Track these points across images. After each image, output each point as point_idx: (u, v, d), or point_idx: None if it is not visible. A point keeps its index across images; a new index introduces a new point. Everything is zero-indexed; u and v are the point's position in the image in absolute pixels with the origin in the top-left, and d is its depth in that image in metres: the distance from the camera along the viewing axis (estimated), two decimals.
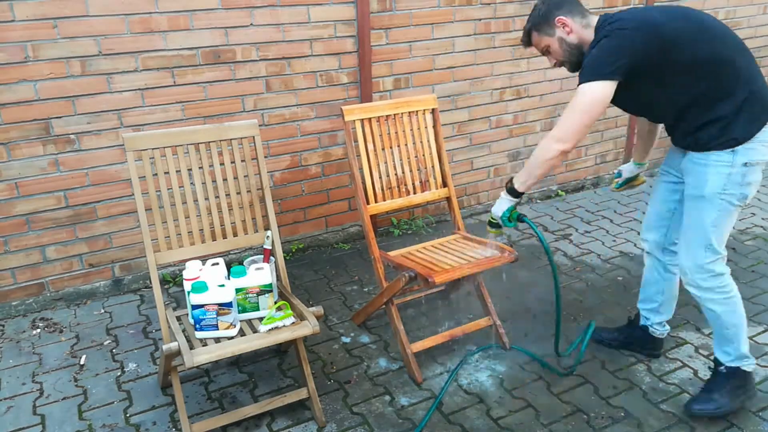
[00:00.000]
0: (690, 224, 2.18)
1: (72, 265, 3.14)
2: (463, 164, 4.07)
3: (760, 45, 5.06)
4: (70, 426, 2.34)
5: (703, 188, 2.10)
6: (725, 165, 2.06)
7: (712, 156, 2.07)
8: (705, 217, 2.12)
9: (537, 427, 2.30)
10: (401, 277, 2.46)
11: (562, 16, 2.11)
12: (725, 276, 2.19)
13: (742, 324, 2.26)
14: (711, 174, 2.08)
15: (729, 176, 2.06)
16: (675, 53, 1.98)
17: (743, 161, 2.05)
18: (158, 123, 3.08)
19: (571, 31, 2.12)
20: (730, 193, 2.08)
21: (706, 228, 2.13)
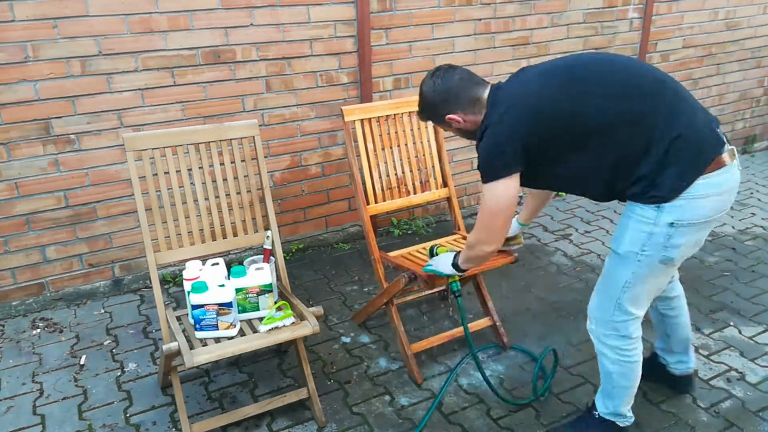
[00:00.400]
0: (603, 276, 1.97)
1: (72, 265, 3.14)
2: (464, 164, 4.07)
3: (760, 45, 5.07)
4: (70, 426, 2.34)
5: (620, 244, 1.86)
6: (647, 222, 1.78)
7: (636, 208, 1.81)
8: (618, 275, 1.90)
9: (537, 427, 2.30)
10: (401, 277, 2.46)
11: (450, 114, 1.97)
12: (633, 340, 1.96)
13: (630, 388, 2.05)
14: (631, 230, 1.83)
15: (650, 236, 1.79)
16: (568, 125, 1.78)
17: (669, 221, 1.75)
18: (158, 123, 3.08)
19: (462, 120, 1.97)
20: (648, 254, 1.81)
21: (617, 286, 1.90)
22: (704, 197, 1.75)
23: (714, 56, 4.85)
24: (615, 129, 1.75)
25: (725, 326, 2.89)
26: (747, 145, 5.45)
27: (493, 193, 1.86)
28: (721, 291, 3.19)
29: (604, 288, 1.96)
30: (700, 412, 2.35)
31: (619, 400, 2.07)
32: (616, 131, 1.75)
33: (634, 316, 1.94)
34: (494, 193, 1.86)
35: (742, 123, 5.34)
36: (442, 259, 2.29)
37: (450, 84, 1.96)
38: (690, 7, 4.56)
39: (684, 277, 3.31)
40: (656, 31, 4.46)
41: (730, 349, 2.72)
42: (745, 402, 2.39)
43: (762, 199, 4.39)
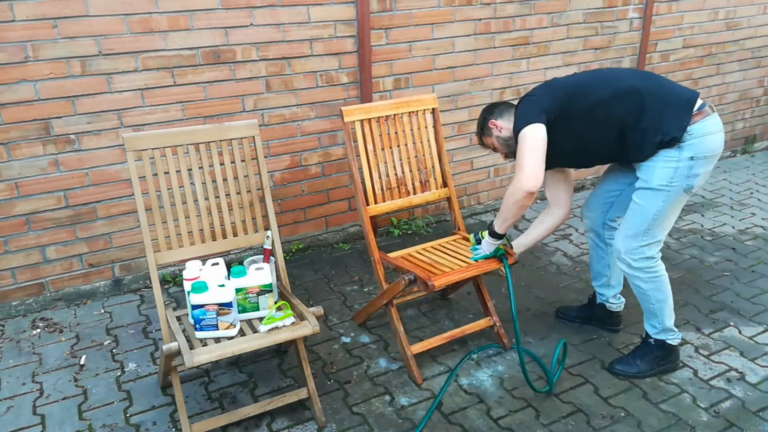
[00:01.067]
0: (634, 211, 2.38)
1: (72, 265, 3.14)
2: (463, 164, 4.07)
3: (760, 45, 5.07)
4: (70, 426, 2.34)
5: (653, 181, 2.30)
6: (673, 160, 2.26)
7: (661, 153, 2.28)
8: (650, 206, 2.33)
9: (537, 427, 2.30)
10: (401, 279, 2.45)
11: (493, 119, 2.51)
12: (655, 260, 2.41)
13: (666, 300, 2.47)
14: (659, 168, 2.29)
15: (676, 170, 2.27)
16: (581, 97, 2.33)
17: (689, 155, 2.25)
18: (158, 123, 3.08)
19: (502, 128, 2.49)
20: (676, 184, 2.28)
21: (648, 216, 2.33)
22: (710, 134, 2.25)
23: (714, 56, 4.85)
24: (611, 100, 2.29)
25: (725, 326, 2.89)
26: (747, 145, 5.45)
27: (530, 133, 2.27)
28: (721, 291, 3.19)
29: (635, 220, 2.37)
30: (700, 412, 2.35)
31: (661, 315, 2.49)
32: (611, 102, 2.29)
33: (657, 240, 2.38)
34: (530, 133, 2.27)
35: (742, 123, 5.34)
36: (484, 241, 2.56)
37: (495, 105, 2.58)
38: (690, 7, 4.56)
39: (684, 277, 3.32)
40: (656, 31, 4.46)
41: (730, 349, 2.72)
42: (745, 402, 2.39)
43: (762, 199, 4.39)
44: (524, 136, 2.28)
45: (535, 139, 2.26)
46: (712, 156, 2.28)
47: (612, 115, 2.29)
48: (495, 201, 4.30)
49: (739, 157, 5.37)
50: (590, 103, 2.31)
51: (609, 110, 2.30)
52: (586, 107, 2.32)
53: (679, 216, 4.09)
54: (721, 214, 4.14)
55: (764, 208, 4.24)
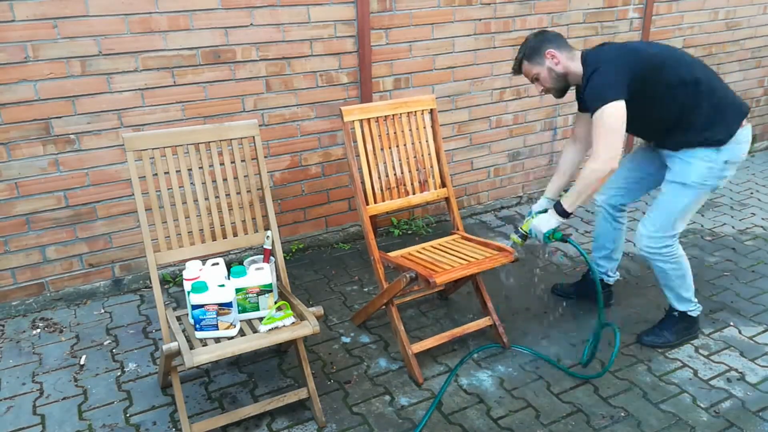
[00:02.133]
0: (662, 203, 2.49)
1: (72, 265, 3.14)
2: (463, 164, 4.07)
3: (760, 45, 5.07)
4: (70, 426, 2.34)
5: (688, 177, 2.42)
6: (710, 160, 2.39)
7: (699, 152, 2.40)
8: (679, 201, 2.45)
9: (537, 427, 2.30)
10: (402, 278, 2.46)
11: (552, 49, 2.41)
12: (674, 245, 2.55)
13: (685, 276, 2.62)
14: (696, 166, 2.40)
15: (710, 170, 2.40)
16: (655, 74, 2.32)
17: (725, 159, 2.40)
18: (158, 123, 3.08)
19: (558, 62, 2.42)
20: (708, 184, 2.42)
21: (676, 210, 2.46)
22: (743, 143, 2.43)
23: (714, 56, 4.85)
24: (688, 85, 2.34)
25: (725, 326, 2.89)
26: None
27: (611, 112, 2.24)
28: (721, 291, 3.19)
29: (663, 213, 2.49)
30: (700, 412, 2.35)
31: (681, 288, 2.64)
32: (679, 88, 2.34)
33: (677, 232, 2.53)
34: (612, 112, 2.24)
35: None
36: (539, 221, 2.53)
37: (553, 35, 2.46)
38: (690, 7, 4.56)
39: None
40: (656, 31, 4.46)
41: (730, 349, 2.72)
42: (745, 402, 2.40)
43: (762, 199, 4.39)
44: (608, 114, 2.24)
45: (618, 119, 2.24)
46: (739, 162, 2.45)
47: (676, 100, 2.35)
48: (495, 201, 4.30)
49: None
50: (663, 83, 2.34)
51: (675, 95, 2.35)
52: (659, 85, 2.33)
53: None
54: (721, 214, 4.14)
55: (764, 208, 4.24)
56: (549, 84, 2.48)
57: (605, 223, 2.86)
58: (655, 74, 2.32)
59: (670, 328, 2.71)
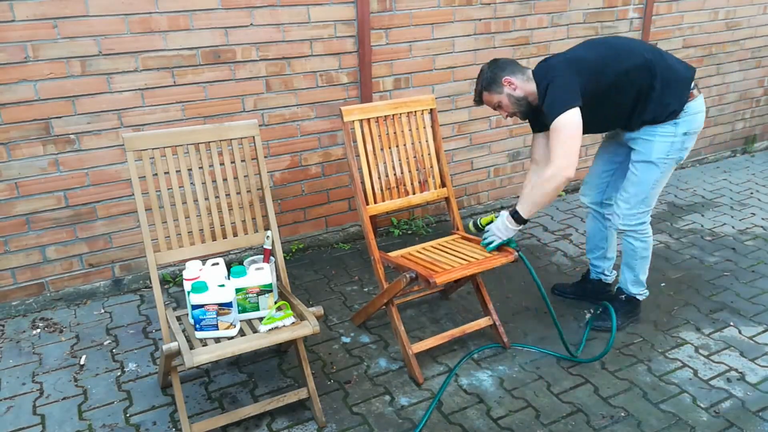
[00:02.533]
0: (634, 182, 2.63)
1: (72, 265, 3.14)
2: (463, 164, 4.07)
3: (760, 45, 5.07)
4: (70, 426, 2.34)
5: (651, 155, 2.56)
6: (669, 135, 2.53)
7: (658, 129, 2.53)
8: (648, 178, 2.60)
9: (537, 427, 2.30)
10: (402, 278, 2.46)
11: (507, 76, 2.50)
12: (647, 224, 2.73)
13: (648, 257, 2.79)
14: (658, 143, 2.55)
15: (672, 144, 2.54)
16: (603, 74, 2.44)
17: (683, 131, 2.53)
18: (158, 123, 3.08)
19: (516, 87, 2.51)
20: (672, 157, 2.57)
21: (648, 186, 2.61)
22: (698, 113, 2.55)
23: (714, 56, 4.85)
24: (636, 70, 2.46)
25: (725, 326, 2.89)
26: (747, 145, 5.45)
27: (569, 119, 2.34)
28: (721, 291, 3.19)
29: (635, 190, 2.63)
30: (700, 412, 2.35)
31: (639, 269, 2.81)
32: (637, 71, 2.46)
33: (650, 208, 2.69)
34: (569, 119, 2.34)
35: (742, 123, 5.34)
36: (495, 227, 2.58)
37: (505, 62, 2.56)
38: (690, 7, 4.56)
39: (684, 277, 3.33)
40: (656, 31, 4.46)
41: (730, 349, 2.72)
42: (745, 402, 2.39)
43: (762, 199, 4.39)
44: (565, 122, 2.34)
45: (575, 125, 2.34)
46: (698, 132, 2.58)
47: (628, 88, 2.47)
48: (495, 201, 4.30)
49: (739, 157, 5.37)
50: (611, 80, 2.44)
51: (625, 85, 2.46)
52: (607, 83, 2.44)
53: (679, 216, 4.10)
54: (721, 214, 4.14)
55: (764, 208, 4.24)
56: (511, 109, 2.56)
57: (595, 223, 2.96)
58: (602, 75, 2.43)
59: (617, 312, 2.82)
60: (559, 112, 2.34)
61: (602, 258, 3.00)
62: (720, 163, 5.24)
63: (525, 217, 2.50)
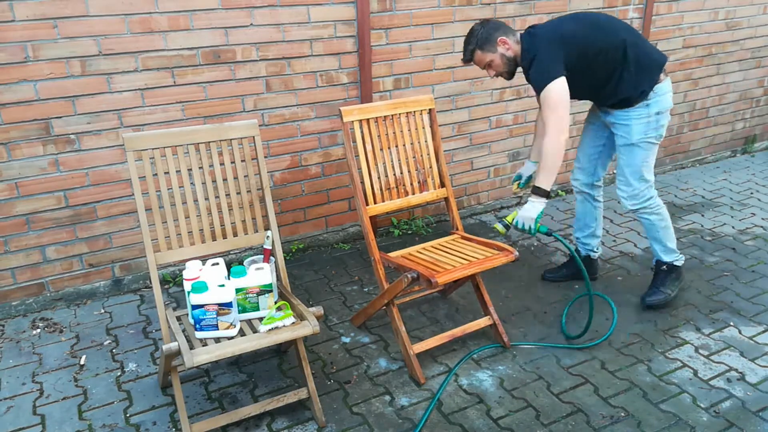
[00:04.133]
0: (626, 164, 2.82)
1: (72, 265, 3.14)
2: (463, 164, 4.07)
3: (760, 45, 5.07)
4: (70, 426, 2.34)
5: (632, 137, 2.76)
6: (644, 117, 2.72)
7: (632, 112, 2.73)
8: (636, 157, 2.79)
9: (537, 427, 2.30)
10: (403, 278, 2.46)
11: (502, 36, 2.62)
12: (654, 197, 2.87)
13: (668, 226, 2.95)
14: (635, 125, 2.74)
15: (648, 124, 2.73)
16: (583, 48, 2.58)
17: (656, 111, 2.71)
18: (158, 123, 3.08)
19: (509, 47, 2.64)
20: (651, 136, 2.75)
21: (639, 165, 2.80)
22: (667, 92, 2.74)
23: (714, 56, 4.85)
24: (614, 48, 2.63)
25: (725, 326, 2.89)
26: (747, 145, 5.45)
27: (555, 88, 2.49)
28: (721, 291, 3.19)
29: (630, 171, 2.82)
30: (700, 412, 2.35)
31: (665, 238, 2.96)
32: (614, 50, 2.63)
33: (651, 182, 2.85)
34: (555, 88, 2.49)
35: (742, 123, 5.34)
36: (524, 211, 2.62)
37: (497, 22, 2.68)
38: (690, 7, 4.56)
39: (684, 277, 3.31)
40: (656, 31, 4.46)
41: (730, 349, 2.72)
42: (745, 402, 2.39)
43: (762, 199, 4.39)
44: (552, 91, 2.49)
45: (561, 93, 2.50)
46: (668, 110, 2.76)
47: (606, 64, 2.64)
48: (495, 201, 4.30)
49: (739, 157, 5.37)
50: (592, 53, 2.60)
51: (605, 60, 2.63)
52: (588, 56, 2.60)
53: (679, 216, 4.10)
54: (721, 214, 4.14)
55: (764, 208, 4.24)
56: (501, 69, 2.70)
57: (585, 203, 3.15)
58: (583, 48, 2.58)
59: (665, 283, 2.99)
60: (545, 83, 2.50)
61: (591, 236, 3.20)
62: (720, 163, 5.24)
63: (546, 188, 2.59)
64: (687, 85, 4.82)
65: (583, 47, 2.59)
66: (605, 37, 2.64)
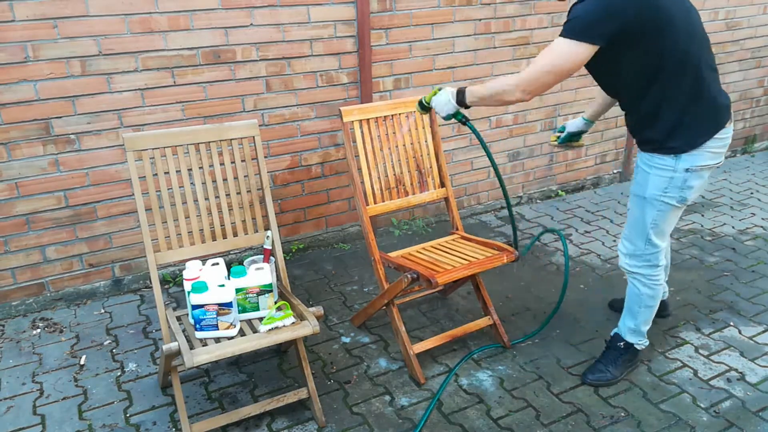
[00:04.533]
0: (633, 218, 2.32)
1: (72, 265, 3.14)
2: (463, 164, 4.07)
3: (760, 45, 5.07)
4: (70, 426, 2.34)
5: (645, 190, 2.21)
6: (668, 169, 2.13)
7: (656, 159, 2.15)
8: (645, 215, 2.25)
9: (537, 427, 2.30)
10: (403, 278, 2.45)
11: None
12: (659, 268, 2.38)
13: (653, 307, 2.46)
14: (653, 176, 2.17)
15: (671, 180, 2.14)
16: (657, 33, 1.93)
17: (685, 167, 2.11)
18: (158, 123, 3.08)
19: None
20: (670, 195, 2.17)
21: (646, 225, 2.27)
22: (714, 148, 2.10)
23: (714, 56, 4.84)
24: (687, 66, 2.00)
25: (725, 326, 2.89)
26: (747, 145, 5.45)
27: (567, 50, 1.95)
28: (721, 291, 3.19)
29: (634, 228, 2.31)
30: (700, 412, 2.35)
31: (641, 318, 2.47)
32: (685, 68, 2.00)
33: (659, 248, 2.32)
34: (568, 50, 1.95)
35: (742, 123, 5.34)
36: (439, 100, 2.33)
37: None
38: None
39: (684, 277, 3.32)
40: None
41: (730, 349, 2.72)
42: (745, 402, 2.40)
43: (762, 199, 4.39)
44: (562, 51, 1.96)
45: (568, 62, 1.96)
46: (708, 167, 2.14)
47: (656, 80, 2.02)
48: (495, 201, 4.30)
49: (739, 157, 5.37)
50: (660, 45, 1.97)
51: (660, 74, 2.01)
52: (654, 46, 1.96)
53: (680, 216, 4.10)
54: (721, 214, 4.14)
55: (764, 208, 4.24)
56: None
57: None
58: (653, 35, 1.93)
59: (615, 362, 2.51)
60: (567, 34, 1.95)
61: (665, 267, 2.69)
62: None
63: (467, 102, 2.25)
64: None
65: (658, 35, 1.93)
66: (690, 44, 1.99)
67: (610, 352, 2.54)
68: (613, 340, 2.56)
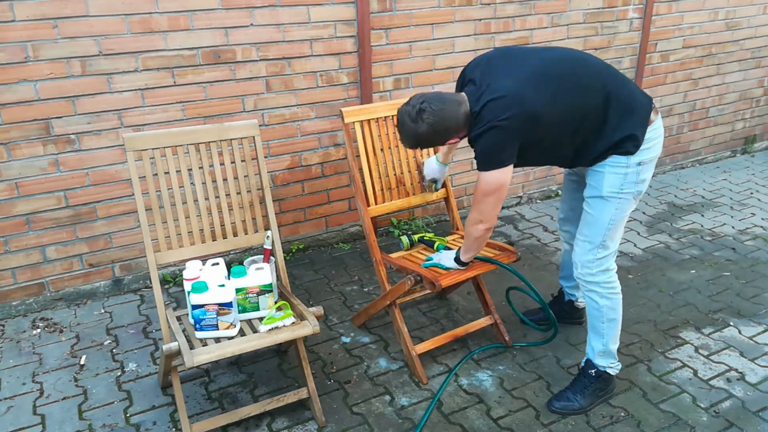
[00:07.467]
0: (587, 221, 2.30)
1: (72, 265, 3.14)
2: (463, 164, 4.07)
3: (760, 45, 5.07)
4: (70, 426, 2.34)
5: (602, 189, 2.23)
6: (621, 166, 2.19)
7: (609, 159, 2.20)
8: (604, 215, 2.25)
9: (537, 427, 2.30)
10: (407, 280, 2.45)
11: (451, 138, 2.21)
12: (613, 272, 2.34)
13: (616, 320, 2.37)
14: (608, 175, 2.21)
15: (625, 176, 2.20)
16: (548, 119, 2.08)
17: (637, 161, 2.18)
18: (158, 123, 3.08)
19: (459, 138, 2.24)
20: (627, 191, 2.22)
21: (603, 225, 2.26)
22: (655, 140, 2.21)
23: (714, 56, 4.85)
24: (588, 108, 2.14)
25: (725, 326, 2.89)
26: (747, 145, 5.45)
27: (490, 179, 2.14)
28: (721, 291, 3.19)
29: (590, 231, 2.29)
30: (700, 412, 2.35)
31: (607, 336, 2.37)
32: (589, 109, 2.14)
33: (612, 251, 2.31)
34: (495, 179, 2.13)
35: (742, 123, 5.34)
36: (445, 255, 2.52)
37: (443, 116, 2.13)
38: (690, 7, 4.56)
39: (684, 278, 3.32)
40: (656, 31, 4.46)
41: (730, 349, 2.72)
42: (745, 402, 2.40)
43: (762, 199, 4.39)
44: (490, 181, 2.13)
45: (498, 186, 2.13)
46: (655, 159, 2.24)
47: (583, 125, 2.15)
48: None
49: (739, 157, 5.37)
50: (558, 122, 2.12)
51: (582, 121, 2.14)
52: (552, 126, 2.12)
53: (679, 216, 4.10)
54: (721, 214, 4.14)
55: (764, 208, 4.24)
56: None
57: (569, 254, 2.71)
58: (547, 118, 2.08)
59: (583, 391, 2.38)
60: (487, 168, 2.12)
61: (577, 288, 2.79)
62: (720, 163, 5.24)
63: (464, 261, 2.44)
64: (687, 85, 4.82)
65: (551, 124, 2.09)
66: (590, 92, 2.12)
67: (580, 379, 2.42)
68: (585, 368, 2.44)
